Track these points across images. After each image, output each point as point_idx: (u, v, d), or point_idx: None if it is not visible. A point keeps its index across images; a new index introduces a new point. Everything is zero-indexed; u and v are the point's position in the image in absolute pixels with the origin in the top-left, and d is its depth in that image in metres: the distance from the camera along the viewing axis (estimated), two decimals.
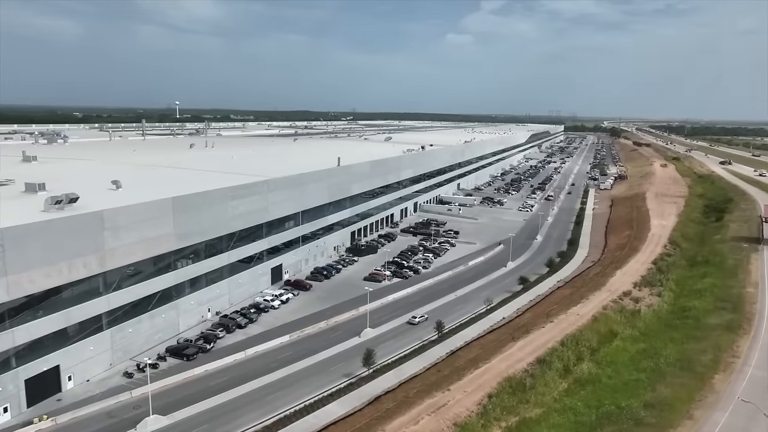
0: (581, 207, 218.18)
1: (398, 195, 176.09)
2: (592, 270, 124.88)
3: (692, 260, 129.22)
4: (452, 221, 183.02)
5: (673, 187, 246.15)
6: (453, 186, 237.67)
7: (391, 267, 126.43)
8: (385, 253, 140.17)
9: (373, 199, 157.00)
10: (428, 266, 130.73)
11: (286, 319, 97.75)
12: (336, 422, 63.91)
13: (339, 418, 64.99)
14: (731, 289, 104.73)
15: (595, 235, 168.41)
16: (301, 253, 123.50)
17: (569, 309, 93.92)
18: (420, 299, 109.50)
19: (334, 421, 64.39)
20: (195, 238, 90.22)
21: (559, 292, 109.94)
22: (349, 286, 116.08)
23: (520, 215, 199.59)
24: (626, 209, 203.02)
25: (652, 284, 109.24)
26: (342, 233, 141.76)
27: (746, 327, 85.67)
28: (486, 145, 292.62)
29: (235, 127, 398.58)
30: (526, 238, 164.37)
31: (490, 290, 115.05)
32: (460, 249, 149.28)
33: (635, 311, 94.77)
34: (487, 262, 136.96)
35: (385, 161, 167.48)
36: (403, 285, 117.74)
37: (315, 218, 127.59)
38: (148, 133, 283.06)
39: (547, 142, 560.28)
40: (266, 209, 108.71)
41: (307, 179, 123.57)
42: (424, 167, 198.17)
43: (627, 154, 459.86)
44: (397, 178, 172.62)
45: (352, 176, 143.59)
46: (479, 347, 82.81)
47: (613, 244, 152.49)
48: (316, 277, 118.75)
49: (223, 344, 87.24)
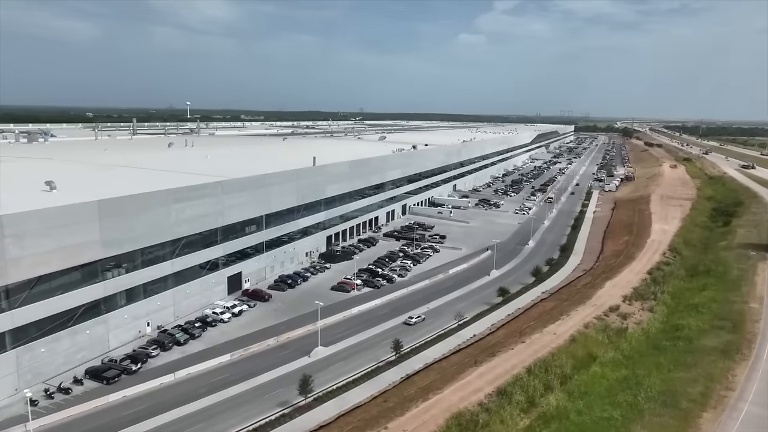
0: (581, 210, 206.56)
1: (383, 197, 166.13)
2: (581, 280, 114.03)
3: (692, 270, 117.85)
4: (441, 225, 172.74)
5: (680, 189, 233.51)
6: (448, 187, 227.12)
7: (363, 275, 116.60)
8: (362, 259, 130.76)
9: (352, 202, 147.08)
10: (405, 274, 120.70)
11: (234, 335, 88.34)
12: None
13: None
14: (732, 305, 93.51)
15: (592, 240, 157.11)
16: (265, 260, 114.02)
17: (546, 327, 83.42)
18: (389, 312, 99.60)
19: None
20: (127, 246, 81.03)
21: (540, 306, 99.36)
22: (314, 296, 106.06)
23: (516, 218, 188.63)
24: (628, 212, 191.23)
25: (644, 297, 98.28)
26: (316, 238, 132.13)
27: (745, 351, 74.64)
28: (485, 145, 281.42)
29: (235, 126, 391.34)
30: (517, 243, 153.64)
31: (467, 302, 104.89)
32: (443, 255, 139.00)
33: (621, 330, 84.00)
34: (470, 270, 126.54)
35: (368, 161, 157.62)
36: (373, 295, 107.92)
37: (282, 222, 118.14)
38: (142, 133, 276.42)
39: (556, 143, 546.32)
40: (221, 213, 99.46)
41: (272, 180, 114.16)
42: (414, 168, 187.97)
43: (637, 155, 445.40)
44: (381, 179, 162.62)
45: (327, 177, 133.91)
46: (438, 372, 72.71)
47: (609, 251, 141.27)
48: (279, 287, 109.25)
49: (155, 364, 78.02)
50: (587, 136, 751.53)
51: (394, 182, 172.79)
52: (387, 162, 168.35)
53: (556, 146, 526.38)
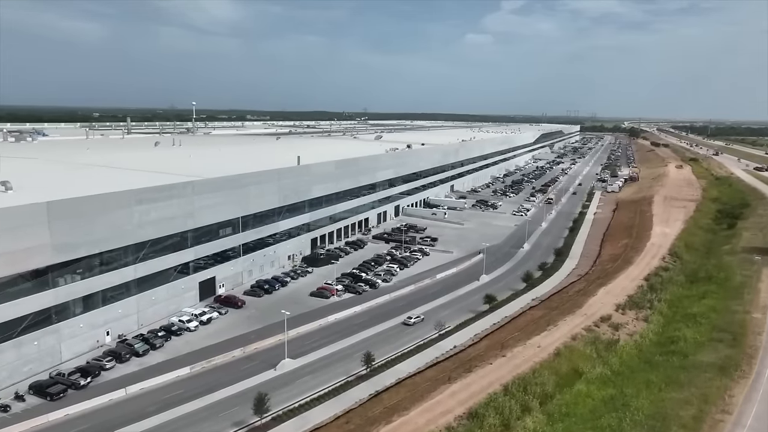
0: (582, 211, 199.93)
1: (374, 198, 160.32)
2: (574, 286, 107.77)
3: (693, 276, 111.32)
4: (435, 227, 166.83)
5: (685, 190, 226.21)
6: (445, 188, 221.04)
7: (345, 280, 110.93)
8: (347, 263, 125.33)
9: (340, 203, 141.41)
10: (390, 279, 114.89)
11: (199, 345, 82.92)
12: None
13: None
14: (733, 315, 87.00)
15: (590, 243, 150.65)
16: (242, 264, 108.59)
17: (530, 338, 77.36)
18: (367, 320, 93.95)
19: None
20: (83, 250, 75.81)
21: (528, 314, 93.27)
22: (290, 303, 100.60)
23: (513, 220, 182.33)
24: (630, 214, 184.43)
25: (639, 306, 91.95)
26: (300, 240, 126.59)
27: (745, 368, 68.29)
28: (485, 145, 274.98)
29: (234, 126, 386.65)
30: (512, 246, 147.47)
31: (451, 309, 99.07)
32: (433, 258, 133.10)
33: (611, 342, 77.82)
34: (459, 275, 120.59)
35: (356, 161, 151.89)
36: (354, 302, 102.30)
37: (262, 224, 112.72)
38: (137, 132, 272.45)
39: (561, 143, 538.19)
40: (191, 215, 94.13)
41: (250, 180, 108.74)
42: (408, 167, 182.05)
43: (643, 155, 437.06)
44: (371, 179, 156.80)
45: (311, 177, 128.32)
46: (409, 389, 66.89)
47: (607, 255, 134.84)
48: (255, 292, 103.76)
49: (109, 377, 72.69)
50: (593, 136, 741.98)
51: (385, 182, 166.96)
52: (377, 162, 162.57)
53: (560, 146, 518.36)
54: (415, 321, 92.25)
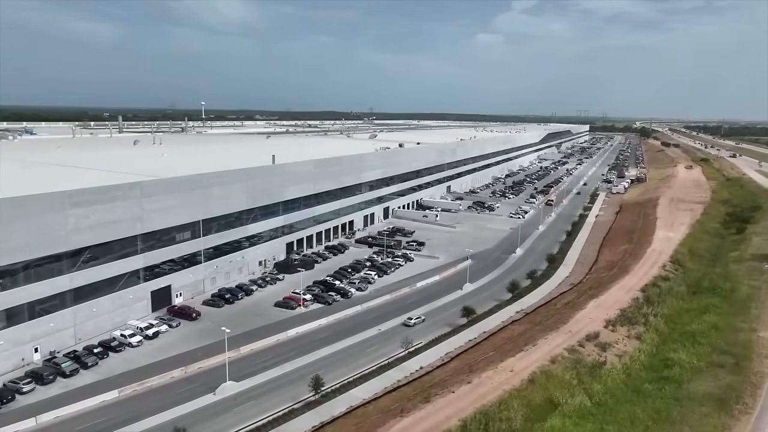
0: (583, 214, 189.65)
1: (359, 199, 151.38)
2: (563, 297, 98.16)
3: (695, 286, 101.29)
4: (425, 230, 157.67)
5: (693, 192, 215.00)
6: (441, 188, 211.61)
7: (316, 289, 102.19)
8: (323, 269, 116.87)
9: (319, 204, 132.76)
10: (365, 288, 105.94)
11: (137, 363, 74.57)
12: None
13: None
14: (737, 333, 77.15)
15: (587, 248, 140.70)
16: (204, 271, 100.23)
17: (504, 360, 68.09)
18: (332, 334, 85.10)
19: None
20: (3, 259, 67.71)
21: (509, 330, 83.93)
22: (250, 314, 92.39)
23: (509, 223, 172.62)
24: (633, 217, 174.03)
25: (632, 322, 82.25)
26: (273, 245, 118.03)
27: (748, 400, 58.59)
28: (486, 144, 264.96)
29: (233, 125, 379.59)
30: (503, 251, 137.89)
31: (427, 323, 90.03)
32: (417, 265, 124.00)
33: (596, 365, 68.33)
34: (442, 284, 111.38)
35: (339, 160, 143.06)
36: (322, 313, 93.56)
37: (227, 228, 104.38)
38: (128, 131, 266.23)
39: (569, 143, 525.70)
40: (140, 218, 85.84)
41: (212, 181, 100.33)
42: (399, 167, 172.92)
43: (652, 156, 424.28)
44: (356, 179, 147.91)
45: (286, 177, 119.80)
46: (358, 420, 57.98)
47: (604, 262, 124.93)
48: (215, 302, 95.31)
49: (26, 402, 64.44)
50: (603, 136, 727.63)
51: (373, 183, 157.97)
52: (363, 161, 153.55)
53: (568, 146, 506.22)
54: (415, 322, 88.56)
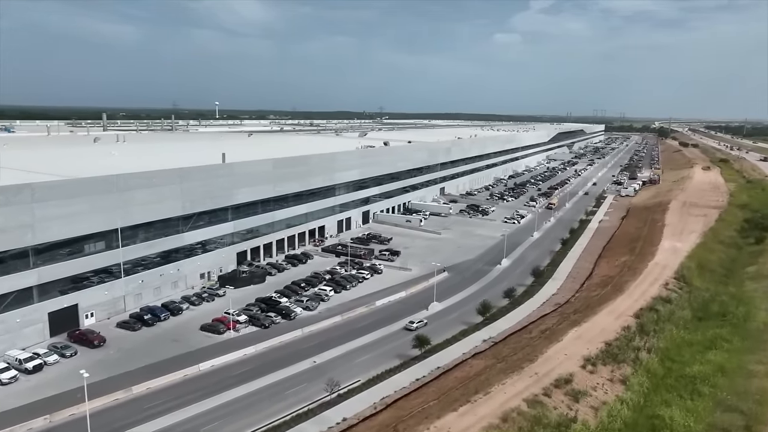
0: (585, 219, 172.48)
1: (332, 202, 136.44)
2: (541, 323, 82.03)
3: (703, 310, 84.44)
4: (405, 236, 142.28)
5: (708, 195, 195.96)
6: (434, 190, 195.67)
7: (254, 308, 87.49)
8: (276, 282, 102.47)
9: (282, 208, 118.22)
10: (314, 307, 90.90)
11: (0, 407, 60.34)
12: None
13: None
14: (750, 379, 60.54)
15: (583, 259, 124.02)
16: (123, 287, 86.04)
17: (443, 416, 52.52)
18: (254, 368, 70.38)
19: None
20: None
21: (465, 367, 68.23)
22: (168, 341, 78.00)
23: (502, 229, 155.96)
24: (639, 223, 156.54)
25: (618, 359, 65.96)
26: (219, 255, 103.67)
27: None
28: (486, 143, 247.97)
29: (230, 124, 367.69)
30: (487, 262, 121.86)
31: (372, 354, 74.88)
32: (385, 278, 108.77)
33: (563, 423, 52.30)
34: (406, 302, 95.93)
35: (306, 159, 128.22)
36: (254, 338, 78.93)
37: (157, 236, 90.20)
38: (112, 129, 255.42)
39: (582, 143, 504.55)
40: (31, 227, 71.89)
41: (135, 183, 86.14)
42: (381, 167, 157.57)
43: (668, 156, 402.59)
44: (328, 180, 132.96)
45: (235, 178, 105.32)
46: None
47: (599, 276, 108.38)
48: (131, 325, 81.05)
49: None
50: (619, 136, 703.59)
51: (349, 185, 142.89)
52: (336, 161, 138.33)
53: (581, 146, 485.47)
54: (417, 326, 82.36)
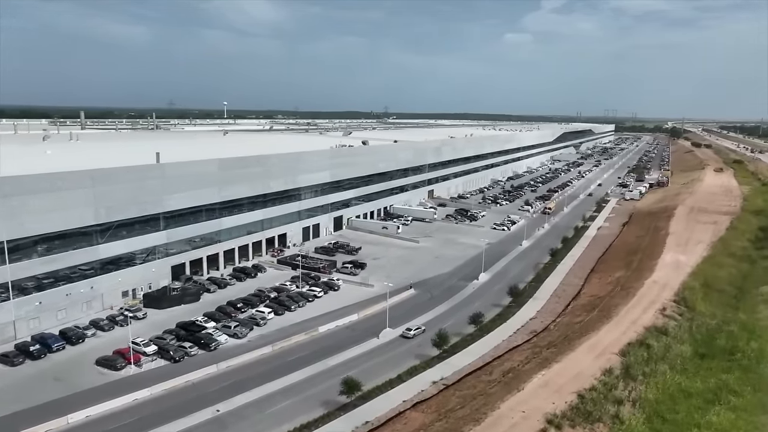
0: (583, 225, 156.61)
1: (296, 207, 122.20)
2: (506, 360, 66.90)
3: (706, 344, 68.72)
4: (380, 245, 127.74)
5: (719, 200, 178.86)
6: (421, 193, 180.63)
7: (169, 336, 73.36)
8: (214, 301, 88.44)
9: (232, 215, 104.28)
10: (244, 334, 76.60)
11: None
12: None
13: None
14: None
15: (573, 274, 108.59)
16: (13, 311, 72.32)
17: None
18: (135, 420, 56.06)
19: None
20: None
21: (400, 422, 53.40)
22: (49, 379, 64.08)
23: (488, 236, 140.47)
24: (640, 231, 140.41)
25: (592, 417, 50.71)
26: (147, 269, 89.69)
27: None
28: (483, 143, 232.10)
29: (225, 123, 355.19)
30: (462, 277, 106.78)
31: (293, 399, 60.58)
32: (341, 295, 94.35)
33: None
34: (356, 327, 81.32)
35: (262, 159, 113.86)
36: (159, 376, 65.04)
37: (65, 249, 76.39)
38: (91, 128, 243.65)
39: (590, 143, 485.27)
40: None
41: (27, 187, 72.35)
42: (357, 168, 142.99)
43: (679, 157, 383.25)
44: (291, 183, 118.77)
45: (169, 181, 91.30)
46: None
47: (587, 296, 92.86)
48: (11, 358, 67.20)
49: None
50: (630, 137, 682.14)
51: (318, 188, 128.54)
52: (301, 161, 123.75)
53: (589, 146, 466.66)
54: (415, 333, 76.82)
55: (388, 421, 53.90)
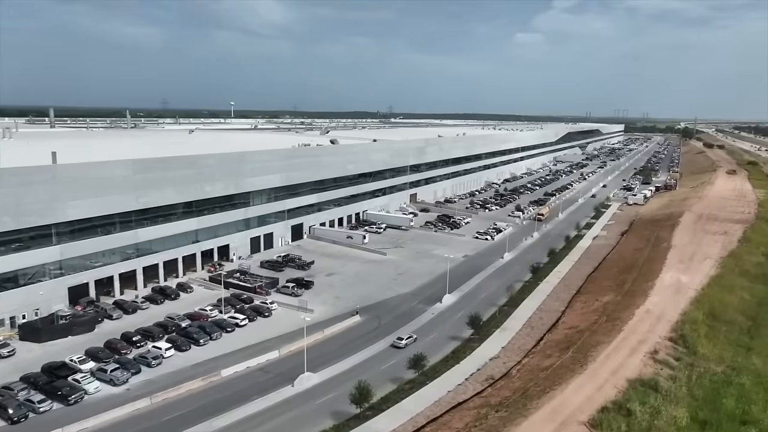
0: (577, 234, 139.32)
1: (242, 215, 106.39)
2: (442, 427, 50.08)
3: (709, 404, 51.41)
4: (340, 258, 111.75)
5: (732, 205, 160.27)
6: (402, 197, 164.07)
7: (19, 386, 57.58)
8: (113, 330, 72.70)
9: (152, 225, 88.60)
10: (122, 380, 60.60)
11: None
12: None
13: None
14: None
15: (555, 296, 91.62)
16: None
17: None
18: None
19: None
20: None
21: None
22: None
23: (468, 247, 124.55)
24: (640, 242, 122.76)
25: None
26: (33, 292, 74.17)
27: None
28: (476, 143, 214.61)
29: (217, 122, 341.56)
30: (424, 299, 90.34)
31: None
32: (272, 324, 78.38)
33: None
34: (273, 369, 65.22)
35: (192, 160, 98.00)
36: None
37: None
38: (60, 126, 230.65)
39: (597, 143, 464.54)
40: None
41: None
42: (322, 171, 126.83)
43: (690, 158, 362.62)
44: (235, 187, 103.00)
45: (64, 186, 75.80)
46: None
47: (565, 328, 75.80)
48: None
49: None
50: (640, 137, 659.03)
51: (271, 192, 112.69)
52: (247, 162, 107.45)
53: (596, 147, 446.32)
54: (406, 343, 70.37)
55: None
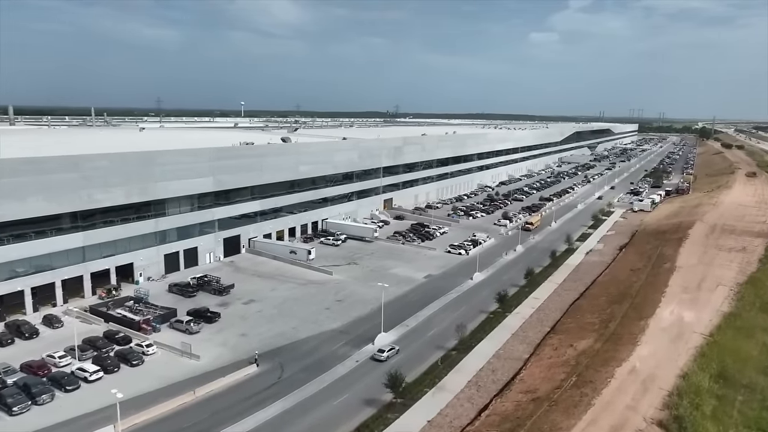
0: (569, 248, 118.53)
1: (152, 227, 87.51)
2: None
3: None
4: (273, 279, 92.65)
5: (751, 214, 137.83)
6: (376, 202, 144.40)
7: None
8: None
9: (17, 242, 70.13)
10: None
11: None
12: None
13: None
14: None
15: (521, 336, 71.40)
16: None
17: None
18: None
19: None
20: None
21: None
22: None
23: (436, 264, 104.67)
24: (640, 261, 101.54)
25: None
26: None
27: None
28: (466, 143, 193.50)
29: (208, 120, 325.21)
30: (356, 338, 70.49)
31: None
32: (138, 376, 59.23)
33: None
34: None
35: (77, 161, 78.91)
36: None
37: None
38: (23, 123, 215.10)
39: (608, 143, 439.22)
40: None
41: None
42: (267, 174, 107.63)
43: (707, 159, 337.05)
44: (139, 194, 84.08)
45: None
46: None
47: (522, 390, 55.49)
48: None
49: None
50: (655, 137, 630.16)
51: (193, 199, 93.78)
52: (158, 163, 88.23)
53: (607, 147, 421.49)
54: (387, 355, 62.88)
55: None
